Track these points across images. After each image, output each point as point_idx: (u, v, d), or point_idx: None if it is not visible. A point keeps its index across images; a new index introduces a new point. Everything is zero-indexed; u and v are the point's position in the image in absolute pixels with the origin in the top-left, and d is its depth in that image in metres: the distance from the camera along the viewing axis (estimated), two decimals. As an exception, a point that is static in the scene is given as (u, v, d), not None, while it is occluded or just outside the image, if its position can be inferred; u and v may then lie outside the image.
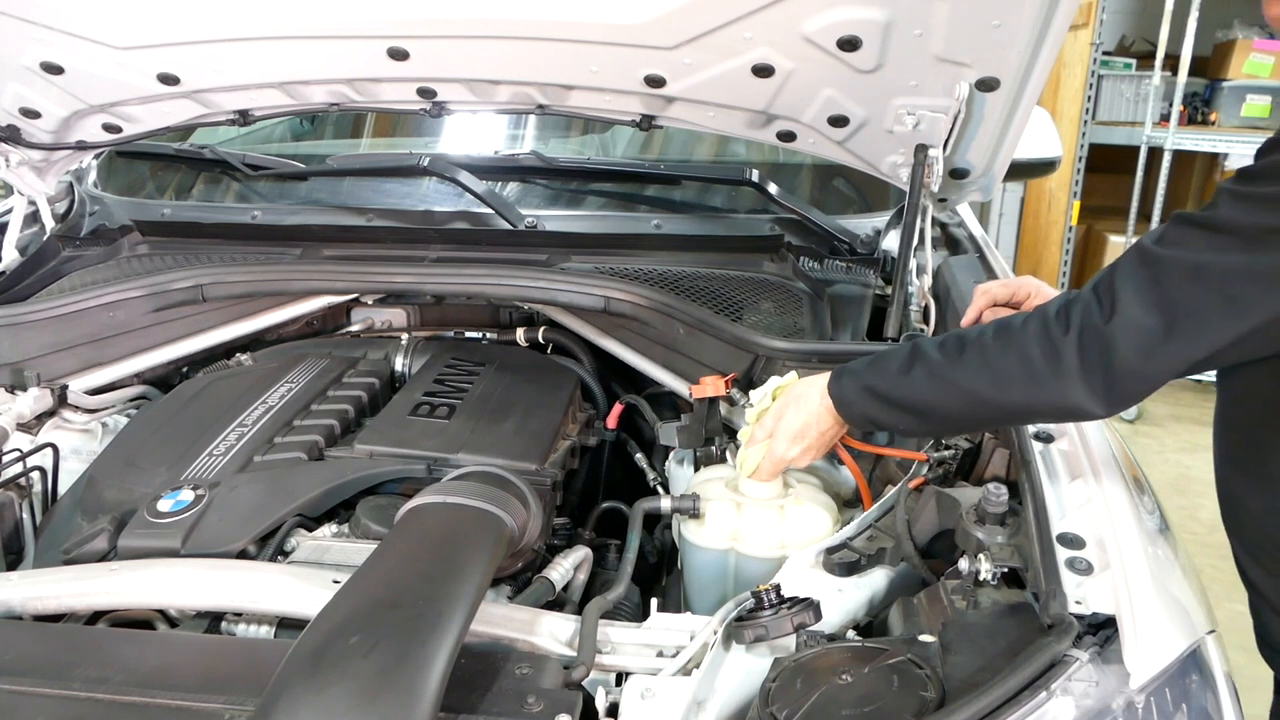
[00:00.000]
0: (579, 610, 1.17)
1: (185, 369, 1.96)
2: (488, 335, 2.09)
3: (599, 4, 1.47)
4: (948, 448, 1.38)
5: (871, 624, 1.19)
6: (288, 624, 1.18)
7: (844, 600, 1.17)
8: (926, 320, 1.76)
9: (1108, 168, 5.68)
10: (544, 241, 1.95)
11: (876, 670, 0.96)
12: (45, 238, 2.07)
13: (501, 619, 1.12)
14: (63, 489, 1.60)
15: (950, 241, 2.15)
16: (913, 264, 1.76)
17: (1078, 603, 0.98)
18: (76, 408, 1.77)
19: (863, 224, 2.07)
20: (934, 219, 1.91)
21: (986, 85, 1.50)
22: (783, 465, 1.38)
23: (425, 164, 1.98)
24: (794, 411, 1.35)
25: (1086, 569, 1.03)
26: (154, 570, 1.22)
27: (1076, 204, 5.44)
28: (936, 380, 1.19)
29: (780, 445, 1.36)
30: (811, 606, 1.08)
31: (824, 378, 1.34)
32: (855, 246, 1.97)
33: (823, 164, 2.03)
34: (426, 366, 1.89)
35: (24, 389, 1.72)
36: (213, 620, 1.21)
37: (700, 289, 1.79)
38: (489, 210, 1.99)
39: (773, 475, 1.40)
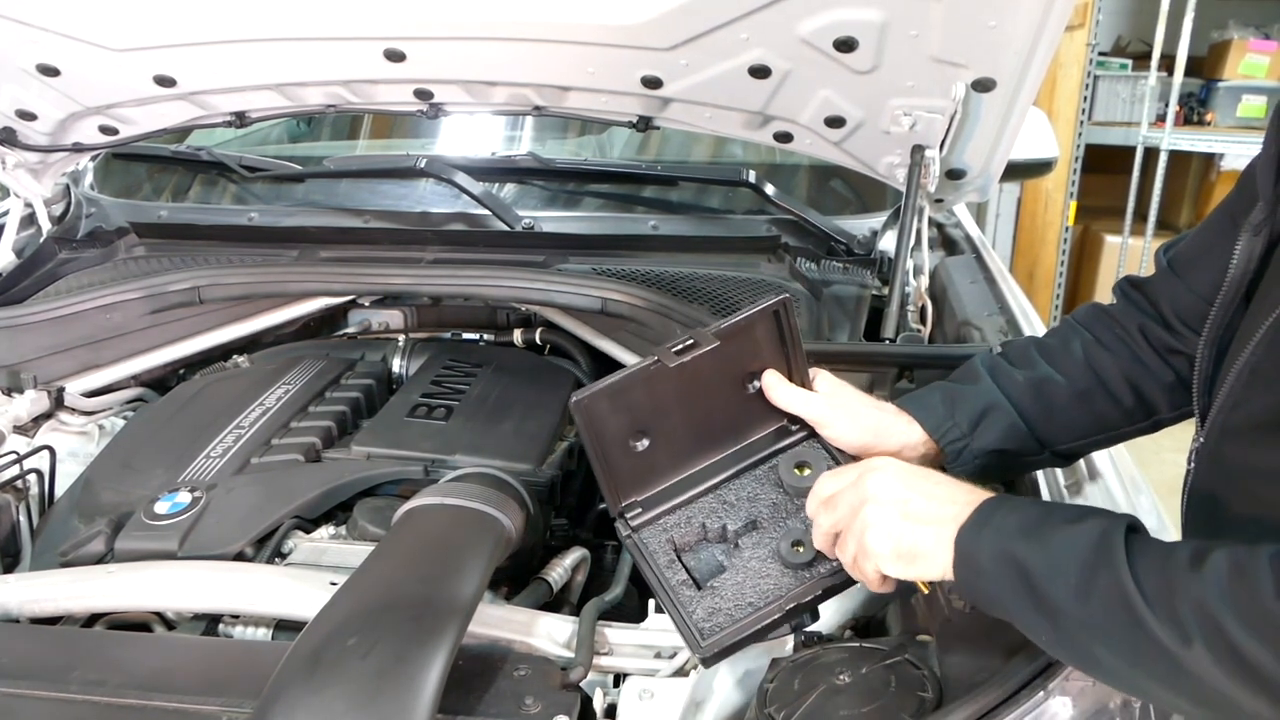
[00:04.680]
0: (576, 611, 1.16)
1: (182, 371, 1.95)
2: (485, 337, 2.09)
3: (596, 5, 1.47)
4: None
5: (869, 624, 1.19)
6: (285, 626, 1.18)
7: (841, 600, 1.17)
8: (924, 321, 1.76)
9: (1104, 168, 5.69)
10: (541, 243, 1.95)
11: (874, 670, 0.96)
12: (42, 240, 2.07)
13: (499, 620, 1.12)
14: (60, 491, 1.59)
15: (947, 242, 2.15)
16: (909, 265, 1.76)
17: (1075, 603, 0.97)
18: (73, 410, 1.77)
19: (860, 225, 2.07)
20: (930, 220, 1.91)
21: (983, 86, 1.50)
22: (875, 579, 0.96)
23: (422, 165, 1.98)
24: (918, 512, 0.91)
25: (1083, 569, 1.03)
26: (151, 572, 1.22)
27: (1073, 204, 5.44)
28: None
29: (885, 559, 0.92)
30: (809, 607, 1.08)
31: (968, 489, 0.93)
32: (852, 247, 1.97)
33: (820, 165, 2.03)
34: (424, 368, 1.89)
35: (21, 391, 1.71)
36: (210, 622, 1.21)
37: (697, 290, 1.79)
38: (486, 211, 1.99)
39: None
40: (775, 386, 1.11)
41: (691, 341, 1.04)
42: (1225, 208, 1.10)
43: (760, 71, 1.55)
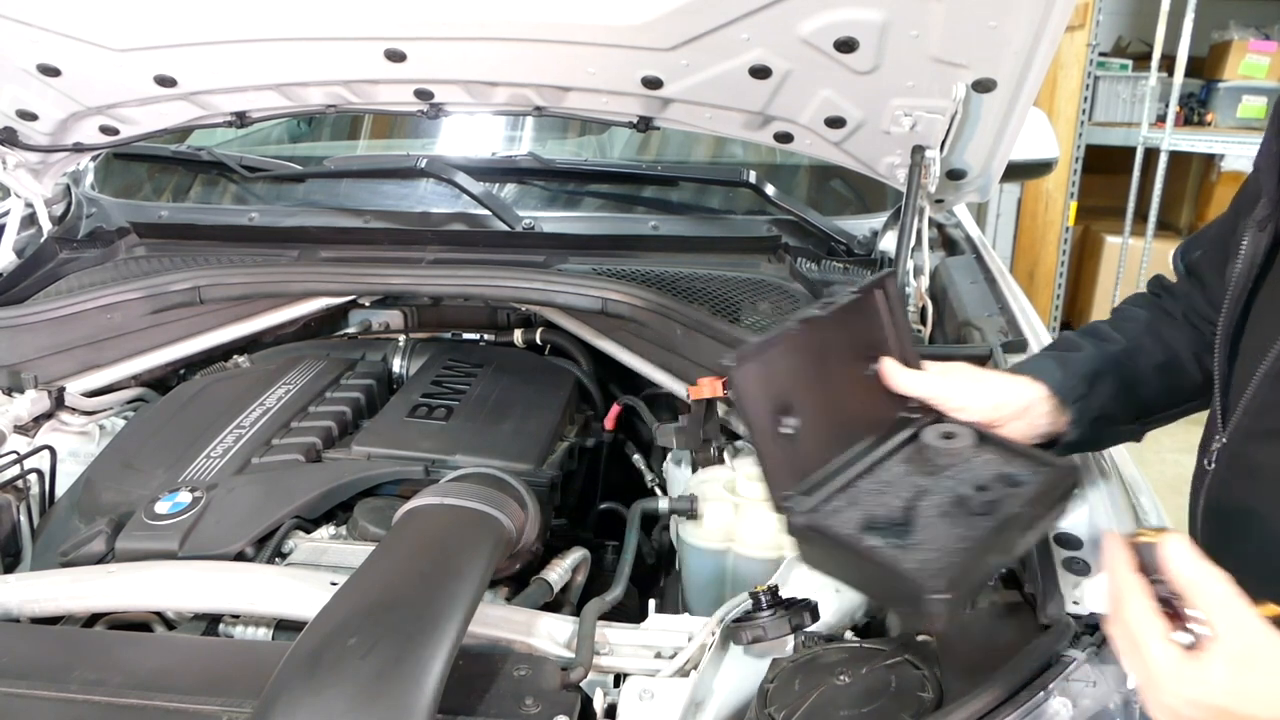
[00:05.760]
0: (577, 611, 1.16)
1: (183, 371, 1.96)
2: (485, 337, 2.09)
3: (596, 6, 1.47)
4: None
5: (869, 624, 1.19)
6: (285, 626, 1.18)
7: (842, 601, 1.17)
8: (924, 321, 1.76)
9: (1104, 168, 5.69)
10: (541, 243, 1.95)
11: (874, 671, 0.96)
12: (42, 240, 2.07)
13: (499, 620, 1.12)
14: (60, 491, 1.60)
15: (947, 242, 2.15)
16: (910, 265, 1.76)
17: (1075, 603, 0.98)
18: (74, 410, 1.77)
19: (860, 225, 2.07)
20: (931, 220, 1.91)
21: (983, 86, 1.50)
22: None
23: (423, 165, 1.98)
24: None
25: (1084, 569, 1.03)
26: (152, 572, 1.22)
27: (1073, 205, 5.44)
28: None
29: None
30: (809, 607, 1.08)
31: None
32: (852, 247, 1.97)
33: (820, 165, 2.03)
34: (424, 368, 1.89)
35: (21, 391, 1.72)
36: (210, 622, 1.21)
37: (697, 290, 1.79)
38: (486, 212, 1.99)
39: None
40: (894, 372, 1.07)
41: (816, 311, 1.02)
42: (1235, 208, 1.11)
43: (760, 72, 1.55)
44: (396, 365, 1.93)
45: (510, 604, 1.24)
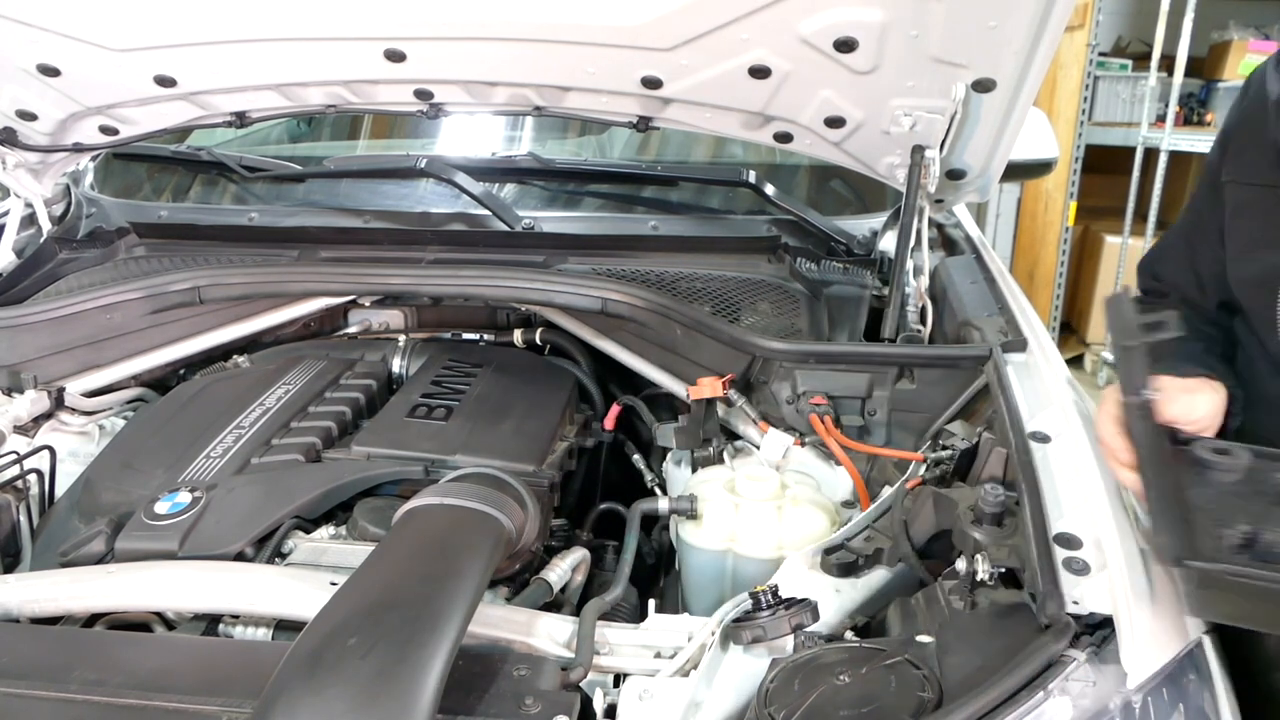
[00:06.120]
0: (577, 612, 1.16)
1: (183, 371, 1.96)
2: (485, 337, 2.09)
3: (596, 6, 1.47)
4: (945, 448, 1.38)
5: (869, 624, 1.19)
6: (285, 626, 1.18)
7: (842, 601, 1.18)
8: (924, 321, 1.76)
9: (1104, 168, 5.68)
10: (541, 243, 1.95)
11: (874, 671, 0.96)
12: (42, 240, 2.07)
13: (499, 620, 1.12)
14: (60, 491, 1.59)
15: (947, 242, 2.15)
16: (909, 265, 1.76)
17: (1075, 603, 0.98)
18: (74, 410, 1.77)
19: (860, 225, 2.07)
20: (930, 220, 1.91)
21: (983, 86, 1.50)
22: None
23: (422, 165, 1.98)
24: None
25: (1084, 569, 1.03)
26: (151, 572, 1.22)
27: (1073, 205, 5.44)
28: None
29: None
30: (809, 607, 1.08)
31: None
32: (852, 247, 1.98)
33: (820, 165, 2.03)
34: (424, 368, 1.89)
35: (21, 391, 1.72)
36: (210, 622, 1.21)
37: (697, 290, 1.79)
38: (486, 212, 2.00)
39: None
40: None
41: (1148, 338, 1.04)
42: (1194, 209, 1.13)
43: (760, 72, 1.55)
44: (396, 365, 1.93)
45: (510, 604, 1.24)
